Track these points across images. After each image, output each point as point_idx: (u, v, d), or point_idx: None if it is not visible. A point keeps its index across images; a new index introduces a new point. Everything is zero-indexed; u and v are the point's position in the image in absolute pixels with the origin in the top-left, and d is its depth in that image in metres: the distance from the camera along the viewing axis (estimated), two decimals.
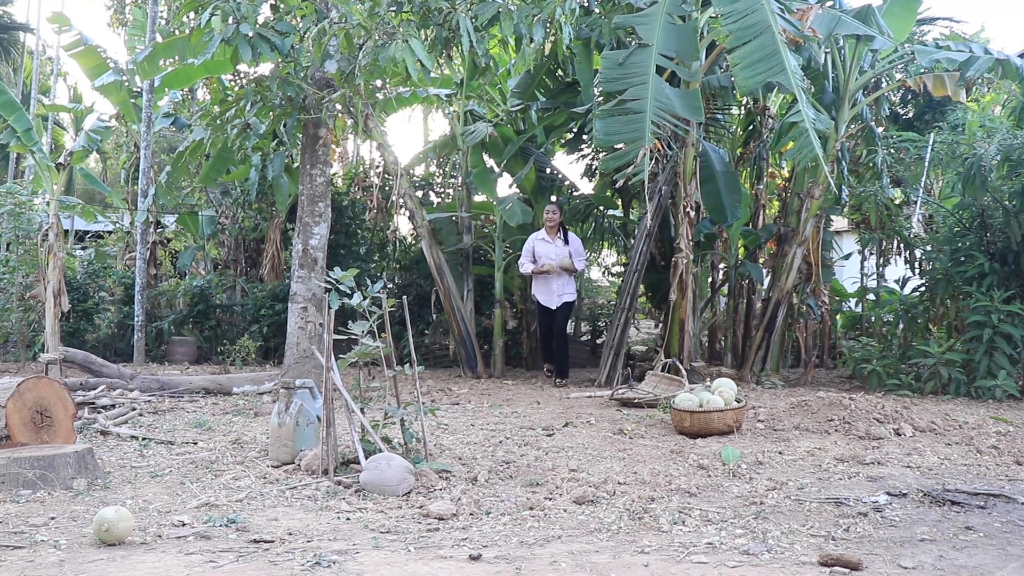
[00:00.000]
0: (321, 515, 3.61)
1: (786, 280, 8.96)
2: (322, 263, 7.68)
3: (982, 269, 7.95)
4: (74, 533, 3.29)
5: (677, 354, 8.30)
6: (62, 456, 4.05)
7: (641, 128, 7.22)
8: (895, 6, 9.04)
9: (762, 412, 6.25)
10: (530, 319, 11.08)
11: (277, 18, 6.98)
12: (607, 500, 3.86)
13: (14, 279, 10.54)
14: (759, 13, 7.11)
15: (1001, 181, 8.28)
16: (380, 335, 4.50)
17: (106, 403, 6.71)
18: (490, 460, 4.68)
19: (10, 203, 10.45)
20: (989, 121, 9.02)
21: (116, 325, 11.78)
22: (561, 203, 10.71)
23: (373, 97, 8.32)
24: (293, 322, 7.63)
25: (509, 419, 6.29)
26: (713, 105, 9.96)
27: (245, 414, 6.53)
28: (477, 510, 3.67)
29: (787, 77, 6.90)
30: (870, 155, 9.74)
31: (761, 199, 10.79)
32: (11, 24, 21.51)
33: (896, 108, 11.77)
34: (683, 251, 8.43)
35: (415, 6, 6.43)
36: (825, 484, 4.22)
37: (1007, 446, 5.16)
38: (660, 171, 8.56)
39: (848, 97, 8.77)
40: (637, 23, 7.87)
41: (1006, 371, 7.54)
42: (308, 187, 7.71)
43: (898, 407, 6.02)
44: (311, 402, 4.71)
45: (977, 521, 3.55)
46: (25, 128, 9.71)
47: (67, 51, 11.18)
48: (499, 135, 10.02)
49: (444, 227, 10.41)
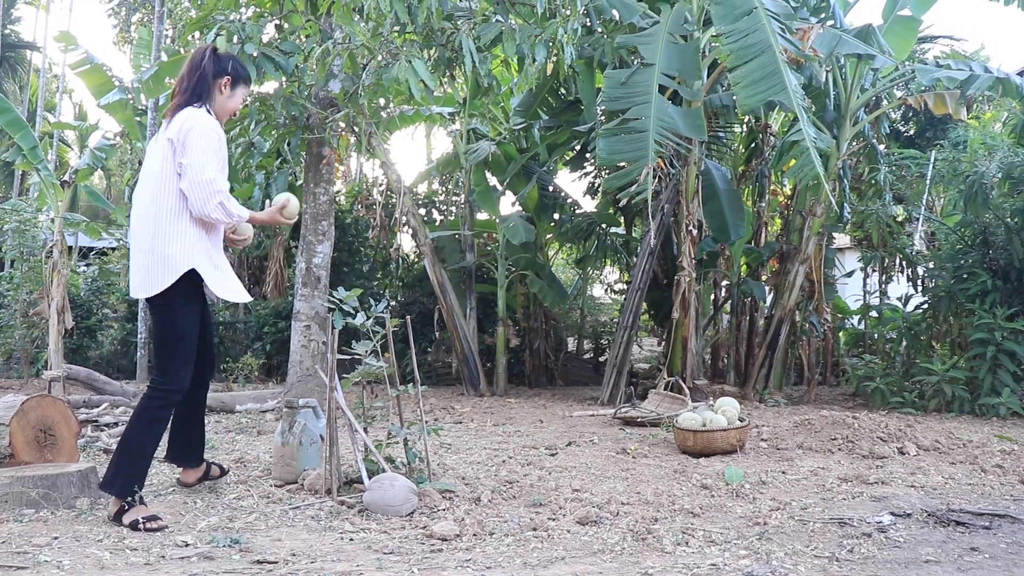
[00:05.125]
0: (324, 535, 3.61)
1: (789, 298, 8.97)
2: (325, 281, 7.70)
3: (985, 286, 7.95)
4: (77, 553, 3.29)
5: (680, 372, 8.29)
6: (65, 475, 4.04)
7: (644, 147, 7.25)
8: (896, 25, 9.09)
9: (765, 431, 6.24)
10: (532, 337, 11.09)
11: (281, 38, 7.03)
12: (610, 521, 3.85)
13: (18, 296, 10.57)
14: (760, 32, 7.15)
15: (1003, 198, 8.30)
16: (383, 354, 4.51)
17: (109, 421, 6.71)
18: (493, 480, 4.67)
19: (15, 220, 10.49)
20: (990, 139, 9.04)
21: (119, 342, 11.80)
22: (564, 221, 10.74)
23: (377, 116, 8.37)
24: (296, 340, 7.64)
25: (512, 438, 6.28)
26: (715, 123, 10.00)
27: (248, 432, 6.53)
28: (481, 531, 3.66)
29: (788, 96, 6.93)
30: (872, 173, 9.76)
31: (763, 217, 10.82)
32: (18, 43, 21.66)
33: (897, 126, 11.80)
34: (686, 269, 8.44)
35: (418, 27, 6.47)
36: (829, 504, 4.21)
37: (1012, 465, 5.14)
38: (663, 189, 8.59)
39: (849, 115, 8.81)
40: (639, 43, 7.92)
41: (1010, 388, 7.53)
42: (312, 205, 7.73)
43: (902, 425, 6.01)
44: (314, 421, 4.71)
45: (982, 542, 3.53)
46: (31, 146, 9.77)
47: (73, 69, 11.26)
48: (502, 153, 10.07)
49: (447, 245, 10.44)
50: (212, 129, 3.76)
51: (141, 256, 3.76)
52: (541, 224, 10.78)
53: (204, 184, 3.64)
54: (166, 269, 3.69)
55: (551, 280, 10.72)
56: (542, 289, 10.31)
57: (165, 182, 3.72)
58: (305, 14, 7.02)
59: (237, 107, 4.07)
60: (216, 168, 3.70)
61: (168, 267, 3.69)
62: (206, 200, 3.65)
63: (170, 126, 3.77)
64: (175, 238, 3.70)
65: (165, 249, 3.69)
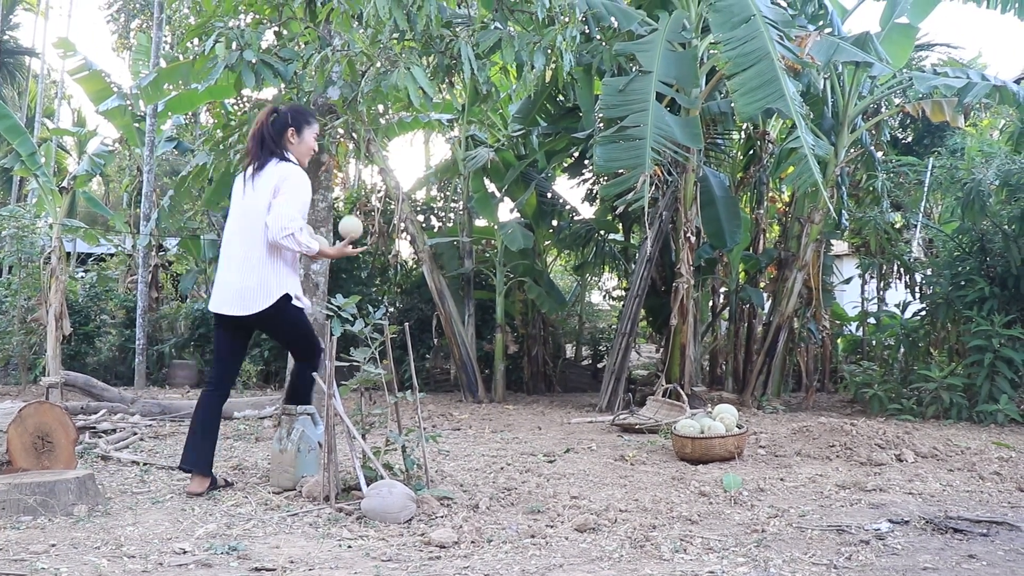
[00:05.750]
0: (323, 543, 3.61)
1: (787, 304, 8.98)
2: (324, 288, 7.70)
3: (982, 293, 7.97)
4: (75, 560, 3.28)
5: (678, 379, 8.29)
6: (63, 482, 4.04)
7: (641, 154, 7.26)
8: (893, 33, 9.12)
9: (763, 438, 6.24)
10: (531, 343, 11.09)
11: (280, 45, 7.05)
12: (608, 528, 3.85)
13: (16, 302, 10.56)
14: (758, 40, 7.17)
15: (1000, 206, 8.32)
16: (382, 361, 4.51)
17: (107, 427, 6.70)
18: (491, 487, 4.67)
19: (13, 226, 10.49)
20: (988, 146, 9.07)
21: (117, 348, 11.79)
22: (562, 227, 10.74)
23: (375, 123, 8.39)
24: None
25: (510, 445, 6.28)
26: (713, 131, 10.03)
27: (246, 439, 6.52)
28: (479, 538, 3.66)
29: (786, 103, 6.95)
30: (870, 180, 9.78)
31: (761, 224, 10.83)
32: (16, 48, 21.69)
33: (895, 133, 11.84)
34: (684, 276, 8.45)
35: (417, 34, 6.48)
36: (827, 511, 4.21)
37: (1009, 472, 5.14)
38: (661, 196, 8.60)
39: (847, 122, 8.83)
40: (637, 50, 7.94)
41: (1007, 395, 7.54)
42: (310, 212, 7.73)
43: (900, 432, 6.01)
44: (312, 428, 4.70)
45: (980, 549, 3.53)
46: (29, 152, 9.77)
47: (72, 75, 11.27)
48: (500, 160, 10.08)
49: (445, 252, 10.44)
50: (304, 181, 4.51)
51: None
52: (539, 231, 10.78)
53: (281, 217, 4.35)
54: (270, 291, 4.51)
55: (549, 287, 10.73)
56: (540, 296, 10.31)
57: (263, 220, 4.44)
58: (304, 21, 7.03)
59: (313, 145, 4.75)
60: (296, 209, 4.39)
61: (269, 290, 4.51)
62: (278, 232, 4.34)
63: (264, 175, 4.51)
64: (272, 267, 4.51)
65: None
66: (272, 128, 4.61)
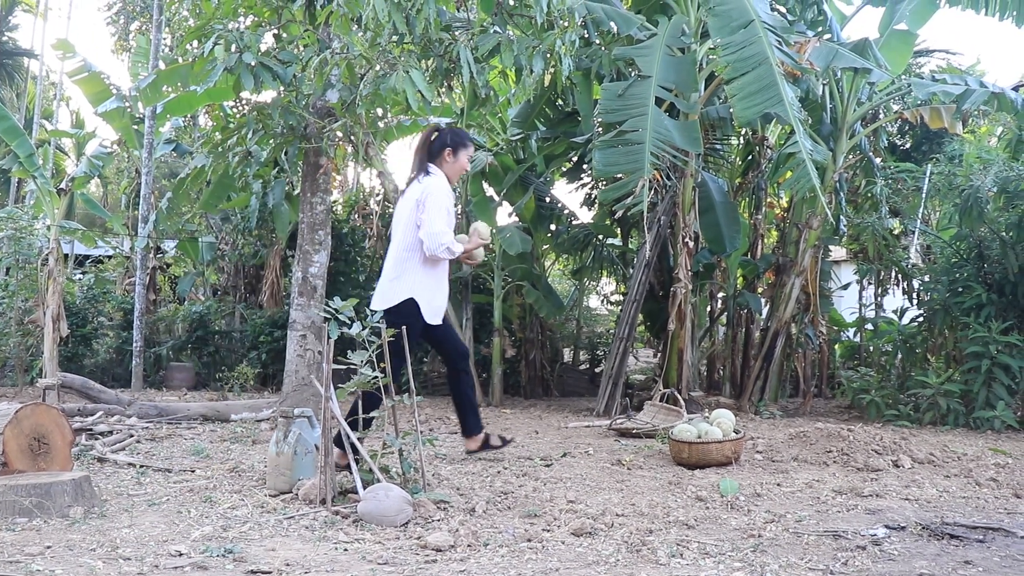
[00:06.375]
0: (319, 546, 3.60)
1: (784, 310, 8.98)
2: (321, 291, 7.70)
3: (980, 300, 7.98)
4: (70, 562, 3.28)
5: (676, 384, 8.29)
6: (59, 484, 4.03)
7: (640, 159, 7.27)
8: (892, 39, 9.14)
9: (760, 443, 6.24)
10: (528, 348, 11.09)
11: (280, 47, 7.05)
12: (605, 532, 3.84)
13: (13, 303, 10.55)
14: (757, 45, 7.19)
15: (998, 212, 8.33)
16: (379, 364, 4.51)
17: (104, 429, 6.69)
18: (488, 490, 4.66)
19: (11, 228, 10.48)
20: (986, 153, 9.09)
21: (115, 350, 11.78)
22: (561, 231, 10.74)
23: (374, 126, 8.37)
24: (292, 350, 7.63)
25: (507, 448, 6.27)
26: (712, 135, 10.04)
27: (243, 442, 6.51)
28: (475, 541, 3.65)
29: (784, 108, 6.96)
30: (868, 186, 9.80)
31: (760, 229, 10.85)
32: (15, 50, 21.69)
33: (893, 139, 11.86)
34: (682, 281, 8.46)
35: (416, 37, 6.48)
36: (823, 517, 4.20)
37: (1006, 478, 5.14)
38: (659, 201, 8.61)
39: (846, 128, 8.85)
40: (636, 55, 7.95)
41: (1004, 402, 7.54)
42: (308, 215, 7.73)
43: (896, 438, 6.01)
44: (309, 431, 4.70)
45: (976, 555, 3.53)
46: (27, 153, 9.77)
47: (71, 77, 11.27)
48: (499, 164, 10.09)
49: None
50: (444, 192, 5.02)
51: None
52: (538, 235, 10.79)
53: (435, 235, 4.92)
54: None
55: (547, 291, 10.73)
56: (538, 300, 10.31)
57: (412, 230, 5.03)
58: (303, 24, 7.03)
59: (465, 166, 5.30)
60: (444, 223, 4.95)
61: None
62: (435, 248, 4.93)
63: (412, 187, 5.10)
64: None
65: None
66: (433, 146, 5.15)
